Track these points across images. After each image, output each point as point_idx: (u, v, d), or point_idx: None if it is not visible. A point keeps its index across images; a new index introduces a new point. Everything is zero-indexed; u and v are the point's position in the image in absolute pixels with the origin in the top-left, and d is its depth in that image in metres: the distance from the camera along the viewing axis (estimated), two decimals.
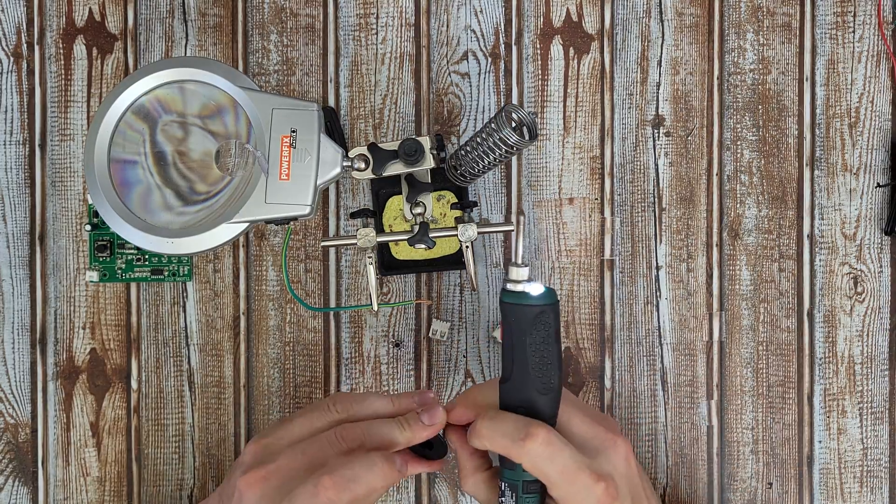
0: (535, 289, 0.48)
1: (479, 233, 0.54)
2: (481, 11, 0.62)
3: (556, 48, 0.62)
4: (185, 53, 0.62)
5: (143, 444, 0.62)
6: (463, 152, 0.54)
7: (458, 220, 0.55)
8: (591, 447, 0.48)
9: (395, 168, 0.54)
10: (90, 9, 0.62)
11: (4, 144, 0.62)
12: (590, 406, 0.55)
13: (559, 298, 0.51)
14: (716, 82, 0.63)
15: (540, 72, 0.62)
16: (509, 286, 0.49)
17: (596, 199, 0.62)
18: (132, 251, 0.61)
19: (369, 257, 0.55)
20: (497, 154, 0.51)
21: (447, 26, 0.62)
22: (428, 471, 0.55)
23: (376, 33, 0.62)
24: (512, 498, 0.48)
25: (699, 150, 0.62)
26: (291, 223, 0.58)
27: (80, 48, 0.62)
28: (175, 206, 0.52)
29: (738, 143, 0.62)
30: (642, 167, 0.62)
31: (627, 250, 0.62)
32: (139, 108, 0.52)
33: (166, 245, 0.51)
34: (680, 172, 0.62)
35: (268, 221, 0.52)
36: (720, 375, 0.62)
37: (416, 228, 0.54)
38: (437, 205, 0.61)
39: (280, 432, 0.51)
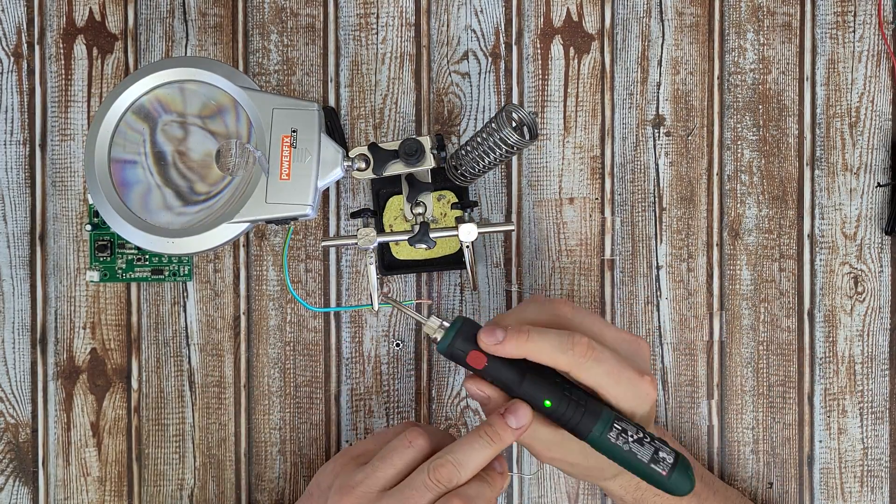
0: (436, 323, 0.49)
1: (479, 233, 0.54)
2: (481, 11, 0.62)
3: (557, 48, 0.62)
4: (186, 53, 0.62)
5: (143, 443, 0.62)
6: (463, 152, 0.54)
7: (459, 220, 0.55)
8: (624, 350, 0.50)
9: (396, 168, 0.54)
10: (90, 9, 0.62)
11: (4, 144, 0.62)
12: None
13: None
14: (716, 82, 0.63)
15: (540, 71, 0.62)
16: (437, 336, 0.49)
17: (596, 198, 0.62)
18: (132, 251, 0.61)
19: (370, 257, 0.55)
20: (497, 154, 0.51)
21: (447, 26, 0.62)
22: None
23: (376, 33, 0.62)
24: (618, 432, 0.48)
25: (699, 150, 0.62)
26: (292, 223, 0.58)
27: (80, 48, 0.62)
28: (175, 206, 0.52)
29: (739, 142, 0.62)
30: (642, 167, 0.62)
31: (628, 250, 0.62)
32: (139, 108, 0.52)
33: (167, 245, 0.51)
34: (680, 172, 0.62)
35: (268, 221, 0.52)
36: (720, 375, 0.62)
37: (417, 228, 0.54)
38: (437, 205, 0.61)
39: (362, 478, 0.50)
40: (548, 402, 0.48)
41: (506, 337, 0.47)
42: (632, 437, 0.48)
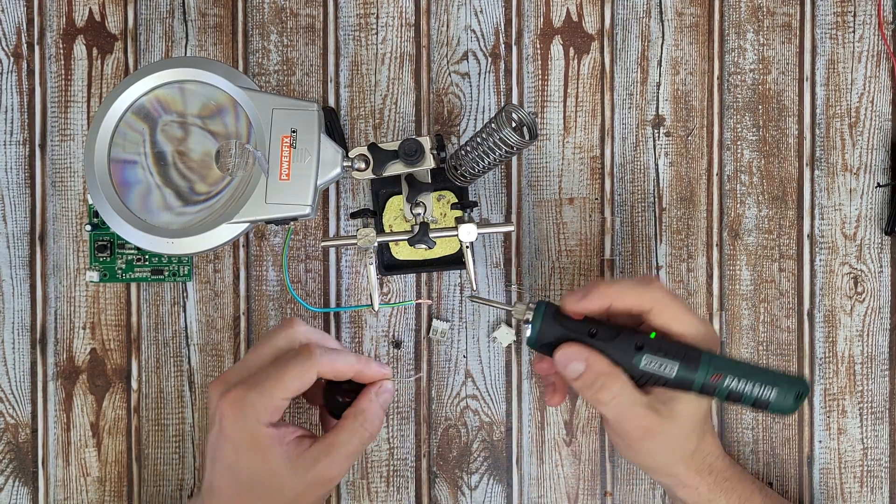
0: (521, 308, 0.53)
1: (479, 233, 0.54)
2: (481, 11, 0.62)
3: (556, 48, 0.62)
4: (185, 53, 0.62)
5: (143, 444, 0.62)
6: (463, 152, 0.54)
7: (458, 220, 0.55)
8: None
9: (396, 168, 0.54)
10: (90, 9, 0.62)
11: (4, 144, 0.62)
12: None
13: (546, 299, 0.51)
14: (716, 82, 0.63)
15: (540, 72, 0.62)
16: (528, 316, 0.52)
17: (596, 199, 0.62)
18: (132, 251, 0.61)
19: (370, 257, 0.55)
20: (497, 154, 0.51)
21: (447, 26, 0.62)
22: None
23: (376, 33, 0.62)
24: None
25: (699, 150, 0.62)
26: (292, 223, 0.58)
27: (80, 48, 0.62)
28: (175, 206, 0.52)
29: (738, 143, 0.62)
30: (642, 167, 0.62)
31: (627, 250, 0.62)
32: (139, 108, 0.52)
33: (166, 245, 0.51)
34: (680, 172, 0.62)
35: (268, 221, 0.52)
36: None
37: (416, 228, 0.54)
38: (437, 205, 0.61)
39: (239, 365, 0.51)
40: (643, 355, 0.50)
41: (588, 290, 0.51)
42: (738, 359, 0.51)
